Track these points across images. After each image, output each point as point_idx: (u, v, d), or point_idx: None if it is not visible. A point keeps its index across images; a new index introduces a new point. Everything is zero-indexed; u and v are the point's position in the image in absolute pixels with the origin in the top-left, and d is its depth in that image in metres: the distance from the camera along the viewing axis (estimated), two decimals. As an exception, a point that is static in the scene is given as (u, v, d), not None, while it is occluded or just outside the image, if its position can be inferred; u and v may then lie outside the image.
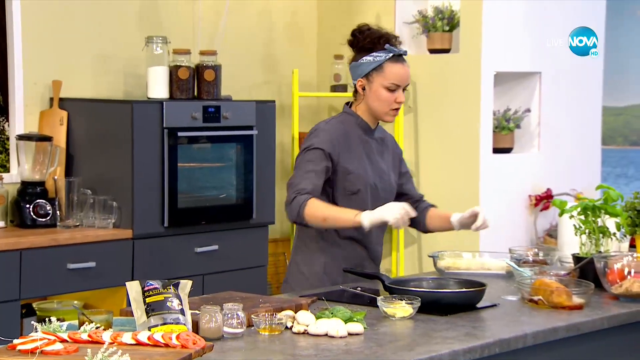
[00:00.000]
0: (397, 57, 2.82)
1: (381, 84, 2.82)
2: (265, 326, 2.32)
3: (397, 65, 2.82)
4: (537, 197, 4.61)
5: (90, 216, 3.93)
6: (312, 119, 5.04)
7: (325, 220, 2.73)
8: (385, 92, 2.82)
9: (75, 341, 2.03)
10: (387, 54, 2.81)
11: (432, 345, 2.21)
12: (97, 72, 4.25)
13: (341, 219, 2.74)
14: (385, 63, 2.81)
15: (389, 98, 2.83)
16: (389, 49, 2.81)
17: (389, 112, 2.87)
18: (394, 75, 2.81)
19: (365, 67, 2.84)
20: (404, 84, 2.84)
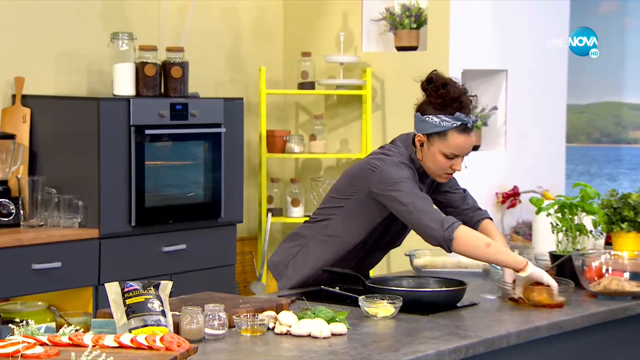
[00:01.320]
0: (464, 126, 2.66)
1: (440, 150, 2.69)
2: (247, 327, 2.29)
3: (462, 136, 2.67)
4: (504, 195, 4.64)
5: (55, 215, 3.85)
6: (280, 116, 5.01)
7: (489, 245, 2.57)
8: (443, 158, 2.70)
9: (56, 344, 1.98)
10: (454, 122, 2.66)
11: (417, 345, 2.19)
12: (61, 69, 4.17)
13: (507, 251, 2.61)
14: (450, 131, 2.66)
15: (445, 164, 2.71)
16: (457, 118, 2.66)
17: (442, 175, 2.75)
18: (456, 146, 2.67)
19: (428, 126, 2.70)
20: (464, 154, 2.71)
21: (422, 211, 2.61)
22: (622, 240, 2.80)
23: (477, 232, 2.64)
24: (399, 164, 2.71)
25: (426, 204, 2.63)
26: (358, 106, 4.80)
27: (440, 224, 2.57)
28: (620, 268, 2.68)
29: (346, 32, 4.78)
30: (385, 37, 4.79)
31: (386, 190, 2.66)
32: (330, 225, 2.83)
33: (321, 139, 4.78)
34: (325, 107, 4.94)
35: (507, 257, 2.58)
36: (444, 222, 2.57)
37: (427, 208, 2.62)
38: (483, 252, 2.57)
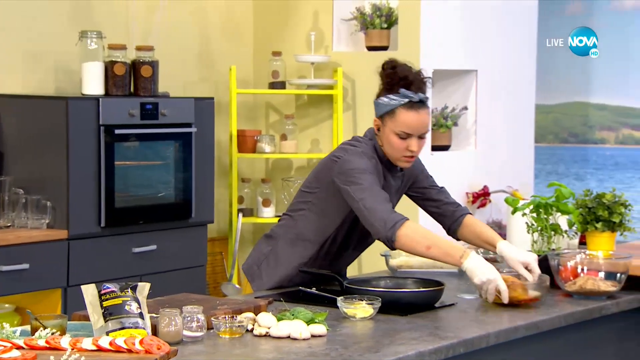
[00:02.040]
0: (412, 103, 2.65)
1: (392, 129, 2.67)
2: (225, 329, 2.27)
3: (410, 112, 2.65)
4: (475, 195, 4.67)
5: (23, 216, 3.79)
6: (250, 115, 4.98)
7: (429, 248, 2.56)
8: (396, 139, 2.67)
9: (32, 348, 1.94)
10: (401, 99, 2.65)
11: (397, 347, 2.19)
12: (28, 68, 4.10)
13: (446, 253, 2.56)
14: (398, 109, 2.65)
15: (400, 145, 2.68)
16: (403, 94, 2.66)
17: (401, 159, 2.71)
18: (404, 124, 2.65)
19: (380, 108, 2.71)
20: (416, 133, 2.67)
21: (370, 209, 2.59)
22: (597, 239, 2.82)
23: (420, 230, 2.60)
24: (361, 154, 2.69)
25: (376, 201, 2.60)
26: (329, 106, 4.80)
27: (383, 223, 2.56)
28: (595, 268, 2.71)
29: (317, 32, 4.77)
30: (356, 37, 4.78)
31: (344, 182, 2.66)
32: (298, 223, 2.82)
33: (292, 138, 4.76)
34: (296, 106, 4.93)
35: (447, 256, 2.56)
36: (387, 221, 2.56)
37: (376, 206, 2.59)
38: (424, 254, 2.59)
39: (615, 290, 2.72)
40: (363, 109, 4.71)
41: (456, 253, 2.55)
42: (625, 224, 2.83)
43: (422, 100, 2.68)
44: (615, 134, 5.44)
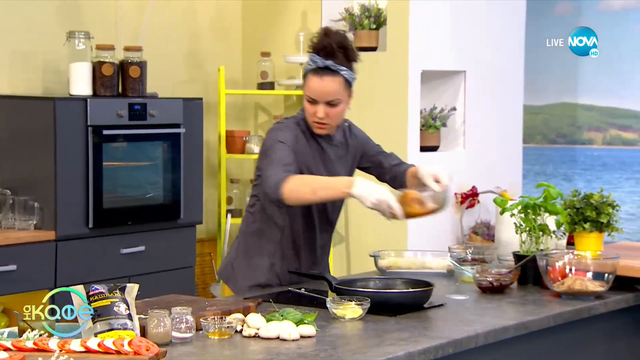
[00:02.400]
0: (319, 69, 2.68)
1: (305, 94, 2.72)
2: (214, 330, 2.26)
3: (315, 77, 2.68)
4: (463, 195, 4.67)
5: (10, 217, 3.77)
6: (239, 116, 4.97)
7: (314, 192, 2.57)
8: (306, 103, 2.72)
9: (20, 349, 1.93)
10: (310, 64, 2.70)
11: (386, 347, 2.19)
12: (15, 68, 4.08)
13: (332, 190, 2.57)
14: (308, 74, 2.71)
15: (309, 110, 2.72)
16: (311, 59, 2.70)
17: (313, 124, 2.74)
18: (310, 88, 2.69)
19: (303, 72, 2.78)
20: (321, 99, 2.69)
21: (264, 177, 2.64)
22: (585, 240, 2.83)
23: (304, 180, 2.61)
24: (280, 128, 2.74)
25: (271, 167, 2.62)
26: (318, 106, 4.79)
27: (272, 186, 2.58)
28: (584, 268, 2.71)
29: (306, 32, 4.76)
30: (344, 38, 4.78)
31: (260, 160, 2.71)
32: (256, 216, 2.84)
33: (281, 139, 4.75)
34: (285, 107, 4.92)
35: (333, 191, 2.58)
36: (274, 182, 2.58)
37: (269, 172, 2.62)
38: (311, 200, 2.62)
39: (603, 290, 2.73)
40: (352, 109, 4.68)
41: (342, 184, 2.57)
42: (613, 225, 2.84)
43: (329, 67, 2.67)
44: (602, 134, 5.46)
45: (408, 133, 4.53)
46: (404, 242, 4.46)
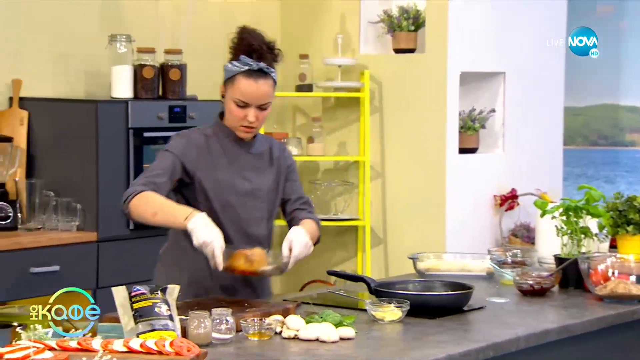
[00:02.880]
0: (251, 71, 2.55)
1: (231, 97, 2.57)
2: (254, 331, 2.28)
3: (248, 80, 2.54)
4: (502, 197, 4.64)
5: (53, 219, 3.82)
6: (277, 119, 4.99)
7: (155, 215, 2.49)
8: (235, 107, 2.57)
9: (64, 349, 1.96)
10: (242, 67, 2.55)
11: (427, 349, 2.18)
12: (59, 71, 4.14)
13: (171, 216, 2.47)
14: (237, 76, 2.55)
15: (238, 113, 2.57)
16: (243, 61, 2.56)
17: (239, 128, 2.60)
18: (242, 91, 2.54)
19: (225, 75, 2.60)
20: (254, 103, 2.56)
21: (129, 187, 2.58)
22: (628, 243, 2.79)
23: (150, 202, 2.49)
24: (181, 135, 2.66)
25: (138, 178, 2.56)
26: (356, 108, 4.79)
27: (124, 197, 2.54)
28: (627, 271, 2.68)
29: (344, 34, 4.77)
30: (383, 39, 4.78)
31: None
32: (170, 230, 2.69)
33: (319, 141, 4.76)
34: (323, 109, 4.93)
35: (173, 219, 2.48)
36: (124, 195, 2.54)
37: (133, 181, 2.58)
38: (150, 221, 2.53)
39: (646, 294, 2.69)
40: (390, 111, 4.70)
41: (182, 214, 2.46)
42: (656, 227, 2.80)
43: (263, 69, 2.56)
44: (645, 136, 5.39)
45: (447, 135, 4.51)
46: (442, 244, 4.45)
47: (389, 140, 4.71)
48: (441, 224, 4.50)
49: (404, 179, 4.64)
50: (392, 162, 4.69)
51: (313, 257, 4.92)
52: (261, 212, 2.68)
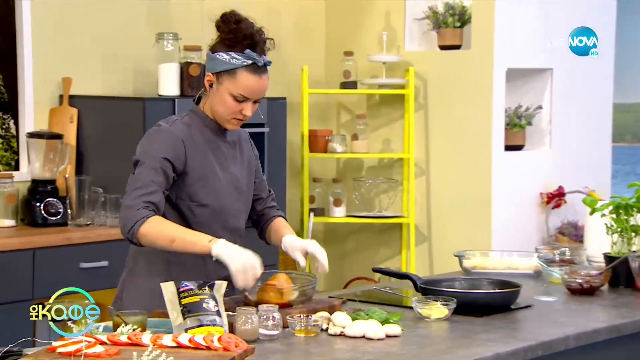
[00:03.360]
0: (255, 66, 2.42)
1: (229, 90, 2.42)
2: (301, 328, 2.28)
3: (252, 76, 2.42)
4: (549, 195, 4.59)
5: (102, 215, 3.88)
6: (322, 115, 5.00)
7: (173, 241, 2.35)
8: (232, 100, 2.43)
9: (115, 343, 1.99)
10: (245, 60, 2.42)
11: (474, 348, 2.17)
12: (107, 69, 4.20)
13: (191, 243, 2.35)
14: (239, 69, 2.41)
15: (234, 107, 2.43)
16: (248, 55, 2.42)
17: (231, 121, 2.47)
18: (245, 87, 2.41)
19: (218, 64, 2.43)
20: (254, 97, 2.45)
21: (123, 206, 2.41)
22: (679, 241, 2.75)
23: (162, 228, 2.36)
24: (164, 130, 2.43)
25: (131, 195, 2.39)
26: (400, 105, 4.78)
27: (125, 223, 2.37)
28: (679, 270, 2.63)
29: (389, 31, 4.76)
30: (428, 36, 4.76)
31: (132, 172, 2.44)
32: None
33: (363, 138, 4.76)
34: (368, 106, 4.92)
35: (191, 248, 2.35)
36: (128, 221, 2.37)
37: (129, 201, 2.39)
38: (168, 249, 2.38)
39: (699, 293, 2.64)
40: (435, 108, 4.68)
41: (203, 239, 2.35)
42: None
43: (266, 64, 2.45)
44: (696, 133, 5.28)
45: (492, 132, 4.48)
46: (487, 242, 4.42)
47: (434, 137, 4.69)
48: (486, 222, 4.47)
49: (449, 177, 4.62)
50: (437, 159, 4.67)
51: (357, 254, 4.98)
52: (241, 204, 2.56)
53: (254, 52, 2.43)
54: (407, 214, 4.69)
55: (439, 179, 4.66)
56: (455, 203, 4.59)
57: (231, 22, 2.46)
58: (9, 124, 3.96)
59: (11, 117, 3.97)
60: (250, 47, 2.44)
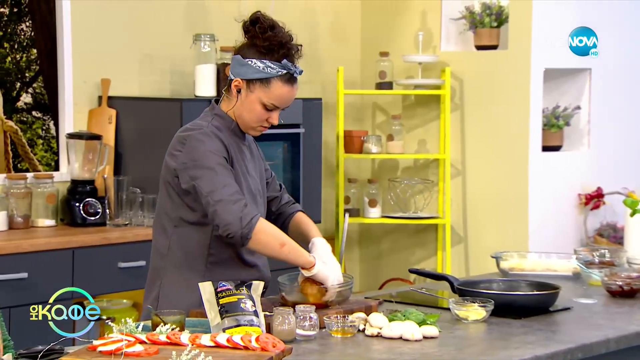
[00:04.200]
0: (289, 76, 2.39)
1: (260, 98, 2.38)
2: (337, 328, 2.29)
3: (286, 86, 2.38)
4: (587, 196, 4.54)
5: (140, 215, 3.91)
6: (357, 116, 5.00)
7: (283, 245, 2.35)
8: (261, 109, 2.39)
9: (154, 342, 2.00)
10: (280, 70, 2.37)
11: (512, 350, 2.16)
12: (144, 71, 4.23)
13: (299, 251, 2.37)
14: (274, 79, 2.37)
15: (263, 115, 2.40)
16: (284, 66, 2.38)
17: (257, 128, 2.44)
18: (278, 96, 2.38)
19: (250, 71, 2.38)
20: (285, 106, 2.42)
21: (220, 202, 2.30)
22: None
23: (274, 229, 2.36)
24: (206, 136, 2.38)
25: (225, 192, 2.31)
26: (436, 106, 4.76)
27: (239, 220, 2.29)
28: None
29: (425, 32, 4.74)
30: (464, 36, 4.73)
31: (191, 178, 2.36)
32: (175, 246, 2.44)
33: (399, 139, 4.75)
34: (403, 107, 4.91)
35: (298, 257, 2.37)
36: (243, 218, 2.30)
37: (226, 197, 2.31)
38: (276, 252, 2.35)
39: None
40: (471, 109, 4.65)
41: (306, 253, 2.38)
42: None
43: (300, 73, 2.43)
44: None
45: (530, 133, 4.44)
46: (524, 244, 4.38)
47: (470, 137, 4.66)
48: (523, 223, 4.43)
49: (485, 177, 4.59)
50: (473, 160, 4.64)
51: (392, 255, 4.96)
52: (262, 208, 2.52)
53: (290, 62, 2.39)
54: (442, 214, 4.67)
55: (475, 180, 4.63)
56: (491, 204, 4.56)
57: (266, 27, 2.40)
58: (49, 125, 4.02)
59: (51, 118, 4.02)
60: (286, 56, 2.39)
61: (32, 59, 3.96)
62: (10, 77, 3.92)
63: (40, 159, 3.99)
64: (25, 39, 3.95)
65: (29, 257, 3.47)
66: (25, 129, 3.96)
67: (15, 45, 3.93)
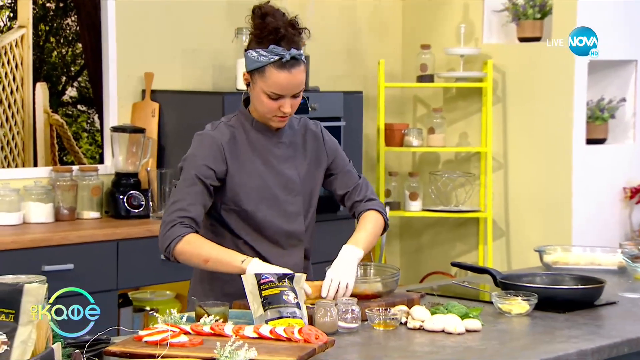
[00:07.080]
0: (283, 62, 2.30)
1: (262, 88, 2.34)
2: (379, 321, 2.29)
3: (281, 73, 2.30)
4: (633, 190, 4.48)
5: (182, 207, 3.94)
6: (398, 109, 4.98)
7: (207, 261, 2.31)
8: (267, 99, 2.34)
9: (198, 333, 2.03)
10: (270, 57, 2.31)
11: (557, 344, 2.14)
12: (187, 64, 4.27)
13: (224, 262, 2.30)
14: (267, 67, 2.31)
15: (271, 105, 2.35)
16: (272, 51, 2.31)
17: (273, 119, 2.38)
18: (275, 84, 2.31)
19: (249, 63, 2.36)
20: (288, 93, 2.33)
21: (163, 224, 2.35)
22: None
23: (197, 247, 2.32)
24: (206, 135, 2.43)
25: (169, 210, 2.34)
26: (478, 99, 4.73)
27: (161, 242, 2.34)
28: None
29: (467, 24, 4.71)
30: (507, 28, 4.69)
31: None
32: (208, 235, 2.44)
33: (440, 132, 4.73)
34: (444, 100, 4.88)
35: (227, 268, 2.31)
36: (164, 241, 2.33)
37: (165, 217, 2.35)
38: (202, 267, 2.35)
39: None
40: (514, 102, 4.61)
41: (237, 259, 2.30)
42: None
43: (295, 57, 2.31)
44: None
45: (573, 125, 4.39)
46: (568, 237, 4.34)
47: (512, 130, 4.62)
48: (567, 217, 4.38)
49: (528, 171, 4.55)
50: (515, 153, 4.60)
51: (433, 248, 4.95)
52: (296, 206, 2.47)
53: (279, 47, 2.31)
54: (484, 208, 4.64)
55: (517, 173, 4.59)
56: (534, 198, 4.52)
57: (257, 16, 2.37)
58: (94, 119, 4.07)
59: (96, 112, 4.08)
60: (275, 41, 2.32)
61: (77, 54, 4.02)
62: (56, 71, 3.99)
63: (85, 152, 4.05)
64: (70, 34, 4.01)
65: (75, 249, 3.53)
66: (71, 123, 4.02)
67: (61, 40, 3.99)
